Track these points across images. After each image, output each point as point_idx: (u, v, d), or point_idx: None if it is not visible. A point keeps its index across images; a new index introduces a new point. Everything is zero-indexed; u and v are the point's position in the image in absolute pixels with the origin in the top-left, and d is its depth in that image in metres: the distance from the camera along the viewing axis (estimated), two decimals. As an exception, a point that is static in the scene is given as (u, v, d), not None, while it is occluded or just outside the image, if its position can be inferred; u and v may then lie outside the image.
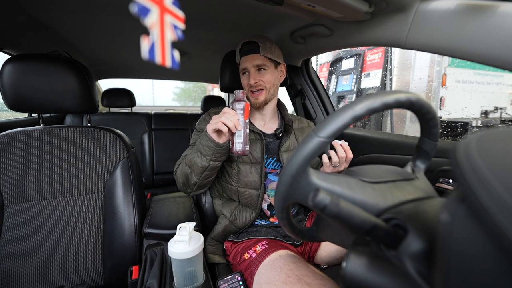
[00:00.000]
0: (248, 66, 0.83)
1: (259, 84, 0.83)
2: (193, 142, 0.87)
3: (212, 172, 0.76)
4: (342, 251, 0.81)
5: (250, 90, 0.84)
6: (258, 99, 0.84)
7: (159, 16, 0.24)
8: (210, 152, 0.71)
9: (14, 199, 0.75)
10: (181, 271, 0.60)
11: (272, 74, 0.85)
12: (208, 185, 0.82)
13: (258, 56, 0.82)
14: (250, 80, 0.82)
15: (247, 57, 0.83)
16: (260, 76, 0.83)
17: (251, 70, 0.83)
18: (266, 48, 0.82)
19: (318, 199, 0.28)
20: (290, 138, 0.89)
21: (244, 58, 0.84)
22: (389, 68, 3.71)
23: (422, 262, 0.26)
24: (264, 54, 0.81)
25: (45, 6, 0.86)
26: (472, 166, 0.18)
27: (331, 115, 0.33)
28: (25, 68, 0.73)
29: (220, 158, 0.74)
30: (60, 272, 0.76)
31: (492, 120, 3.68)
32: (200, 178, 0.76)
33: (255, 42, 0.82)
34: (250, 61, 0.82)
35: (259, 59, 0.82)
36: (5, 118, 1.46)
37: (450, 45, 0.59)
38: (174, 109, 4.96)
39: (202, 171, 0.74)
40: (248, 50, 0.83)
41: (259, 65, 0.82)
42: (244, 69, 0.84)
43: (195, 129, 0.91)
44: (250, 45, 0.82)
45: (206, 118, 0.90)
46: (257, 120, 0.91)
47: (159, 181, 1.94)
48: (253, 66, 0.82)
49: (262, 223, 0.89)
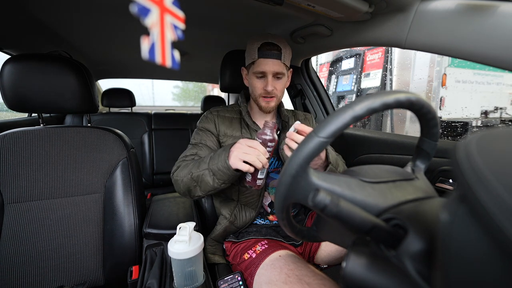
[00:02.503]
0: (268, 71, 0.78)
1: (274, 92, 0.80)
2: (195, 142, 0.84)
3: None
4: (342, 251, 0.81)
5: (263, 95, 0.81)
6: (269, 104, 0.82)
7: (159, 16, 0.24)
8: (225, 178, 0.67)
9: (14, 199, 0.75)
10: (181, 271, 0.60)
11: (284, 82, 0.83)
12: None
13: (278, 62, 0.78)
14: (268, 86, 0.78)
15: (267, 61, 0.77)
16: (276, 83, 0.80)
17: (269, 75, 0.78)
18: (286, 55, 0.79)
19: (318, 199, 0.28)
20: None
21: (264, 60, 0.77)
22: (389, 68, 3.71)
23: (422, 262, 0.26)
24: (284, 61, 0.78)
25: (45, 6, 0.86)
26: (472, 166, 0.18)
27: (331, 115, 0.33)
28: (25, 68, 0.73)
29: (233, 181, 0.71)
30: (60, 272, 0.76)
31: (492, 120, 3.68)
32: (206, 193, 0.74)
33: (277, 45, 0.77)
34: (270, 66, 0.77)
35: (279, 66, 0.78)
36: (5, 118, 1.46)
37: (450, 45, 0.59)
38: (174, 109, 4.96)
39: (211, 190, 0.71)
40: (270, 53, 0.77)
41: (278, 72, 0.79)
42: (262, 72, 0.79)
43: (197, 128, 0.88)
44: (273, 48, 0.77)
45: (209, 116, 0.88)
46: (259, 120, 0.91)
47: (159, 181, 1.95)
48: (272, 72, 0.78)
49: (261, 222, 0.89)
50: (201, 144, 0.83)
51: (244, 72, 0.89)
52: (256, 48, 0.78)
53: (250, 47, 0.81)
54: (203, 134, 0.85)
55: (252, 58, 0.79)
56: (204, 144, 0.83)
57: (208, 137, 0.84)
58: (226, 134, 0.85)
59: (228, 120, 0.87)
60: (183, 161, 0.80)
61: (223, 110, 0.90)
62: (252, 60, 0.79)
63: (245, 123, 0.87)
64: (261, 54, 0.77)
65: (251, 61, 0.80)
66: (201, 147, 0.82)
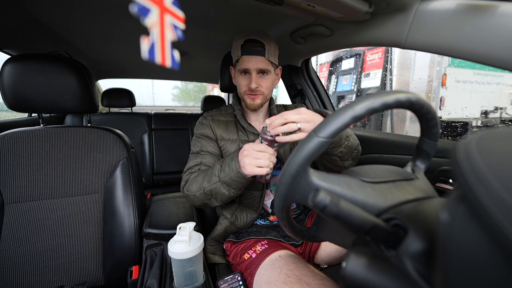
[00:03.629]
0: (251, 68, 0.77)
1: (259, 89, 0.80)
2: (196, 151, 0.83)
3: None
4: (342, 251, 0.81)
5: (247, 93, 0.81)
6: (255, 102, 0.81)
7: (159, 16, 0.24)
8: (241, 186, 0.68)
9: (14, 199, 0.74)
10: (181, 271, 0.60)
11: (271, 79, 0.82)
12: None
13: (262, 59, 0.77)
14: (252, 83, 0.78)
15: (250, 58, 0.77)
16: (261, 80, 0.79)
17: (253, 72, 0.78)
18: (271, 52, 0.78)
19: (318, 199, 0.28)
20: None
21: (247, 57, 0.77)
22: (389, 68, 3.71)
23: (422, 262, 0.26)
24: (268, 57, 0.77)
25: (45, 6, 0.86)
26: (472, 166, 0.18)
27: (331, 115, 0.33)
28: (25, 68, 0.73)
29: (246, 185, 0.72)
30: (60, 272, 0.76)
31: (492, 120, 3.68)
32: (223, 203, 0.75)
33: (260, 42, 0.76)
34: (253, 63, 0.77)
35: (263, 63, 0.77)
36: (5, 118, 1.46)
37: (450, 45, 0.59)
38: (174, 109, 4.96)
39: (227, 199, 0.72)
40: (253, 50, 0.76)
41: (262, 69, 0.78)
42: (245, 69, 0.79)
43: (194, 136, 0.87)
44: (255, 45, 0.76)
45: (204, 122, 0.87)
46: (253, 121, 0.90)
47: (159, 181, 1.94)
48: (255, 69, 0.77)
49: (261, 222, 0.89)
50: (202, 152, 0.82)
51: (233, 71, 0.88)
52: (239, 45, 0.78)
53: (234, 45, 0.80)
54: (203, 141, 0.84)
55: (236, 56, 0.79)
56: (206, 151, 0.82)
57: (208, 143, 0.84)
58: (223, 138, 0.85)
59: (223, 123, 0.87)
60: (190, 174, 0.79)
61: (217, 114, 0.89)
62: (236, 58, 0.79)
63: (240, 126, 0.87)
64: (244, 51, 0.77)
65: (236, 59, 0.80)
66: (204, 154, 0.82)
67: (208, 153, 0.82)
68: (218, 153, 0.84)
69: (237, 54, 0.79)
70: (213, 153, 0.83)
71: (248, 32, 0.79)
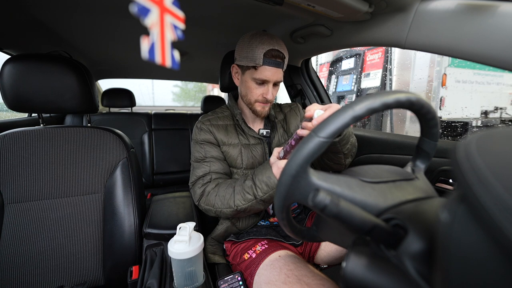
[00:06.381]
0: (271, 80, 0.76)
1: (272, 100, 0.80)
2: (201, 158, 0.81)
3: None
4: (342, 251, 0.81)
5: (259, 101, 0.80)
6: (265, 109, 0.82)
7: (159, 16, 0.24)
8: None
9: (14, 199, 0.75)
10: (181, 271, 0.60)
11: (279, 87, 0.83)
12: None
13: (280, 71, 0.76)
14: (268, 94, 0.77)
15: (271, 69, 0.74)
16: (274, 91, 0.80)
17: (271, 84, 0.77)
18: (286, 62, 0.77)
19: (318, 199, 0.28)
20: (278, 132, 0.90)
21: (268, 68, 0.74)
22: (389, 68, 3.72)
23: (422, 262, 0.26)
24: (283, 69, 0.78)
25: (46, 6, 0.86)
26: (472, 166, 0.18)
27: (331, 115, 0.33)
28: (25, 68, 0.73)
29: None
30: (60, 272, 0.76)
31: (492, 120, 3.69)
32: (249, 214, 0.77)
33: (282, 53, 0.74)
34: (274, 75, 0.75)
35: (280, 75, 0.77)
36: (5, 118, 1.46)
37: (450, 45, 0.59)
38: (174, 109, 4.96)
39: (257, 212, 0.76)
40: (276, 62, 0.74)
41: (279, 81, 0.78)
42: (264, 80, 0.76)
43: (195, 142, 0.84)
44: (278, 56, 0.74)
45: (203, 127, 0.84)
46: (251, 123, 0.90)
47: (159, 181, 1.94)
48: (274, 81, 0.77)
49: (262, 223, 0.89)
50: (207, 158, 0.81)
51: (236, 70, 0.84)
52: (261, 53, 0.72)
53: (251, 48, 0.73)
54: (206, 147, 0.82)
55: (254, 62, 0.73)
56: (211, 157, 0.81)
57: (212, 149, 0.82)
58: (224, 143, 0.84)
59: (222, 128, 0.85)
60: (205, 186, 0.77)
61: (214, 118, 0.87)
62: (253, 64, 0.74)
63: (241, 129, 0.87)
64: (267, 61, 0.73)
65: (252, 65, 0.74)
66: (210, 161, 0.81)
67: (214, 158, 0.81)
68: (223, 158, 0.83)
69: (257, 62, 0.73)
70: (219, 158, 0.82)
71: (269, 39, 0.73)
